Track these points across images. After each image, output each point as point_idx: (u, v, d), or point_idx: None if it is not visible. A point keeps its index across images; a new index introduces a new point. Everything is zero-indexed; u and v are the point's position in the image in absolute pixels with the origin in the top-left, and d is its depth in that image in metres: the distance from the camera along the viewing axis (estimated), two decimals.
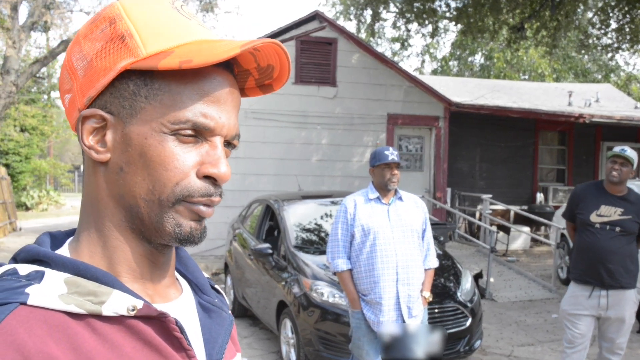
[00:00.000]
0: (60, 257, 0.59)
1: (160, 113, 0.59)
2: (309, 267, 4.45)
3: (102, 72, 0.60)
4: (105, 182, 0.62)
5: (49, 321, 0.55)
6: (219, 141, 0.62)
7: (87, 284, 0.57)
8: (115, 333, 0.58)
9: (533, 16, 9.52)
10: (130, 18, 0.61)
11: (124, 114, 0.60)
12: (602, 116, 10.62)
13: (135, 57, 0.59)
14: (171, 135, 0.59)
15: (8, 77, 10.34)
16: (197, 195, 0.60)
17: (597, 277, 3.45)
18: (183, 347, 0.61)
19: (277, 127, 9.10)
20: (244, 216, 6.39)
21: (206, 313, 0.70)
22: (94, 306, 0.57)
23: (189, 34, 0.61)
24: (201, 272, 0.74)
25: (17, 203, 17.33)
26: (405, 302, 3.07)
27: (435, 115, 9.92)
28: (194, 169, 0.60)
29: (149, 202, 0.60)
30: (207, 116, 0.60)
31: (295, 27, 9.28)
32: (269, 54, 0.63)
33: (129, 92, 0.60)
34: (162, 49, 0.59)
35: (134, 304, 0.58)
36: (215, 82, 0.61)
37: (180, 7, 0.64)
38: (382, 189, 3.20)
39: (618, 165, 3.44)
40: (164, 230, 0.61)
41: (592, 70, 23.29)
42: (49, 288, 0.56)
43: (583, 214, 3.54)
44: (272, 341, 5.26)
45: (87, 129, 0.61)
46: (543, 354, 5.11)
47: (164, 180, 0.59)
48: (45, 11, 10.59)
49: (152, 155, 0.59)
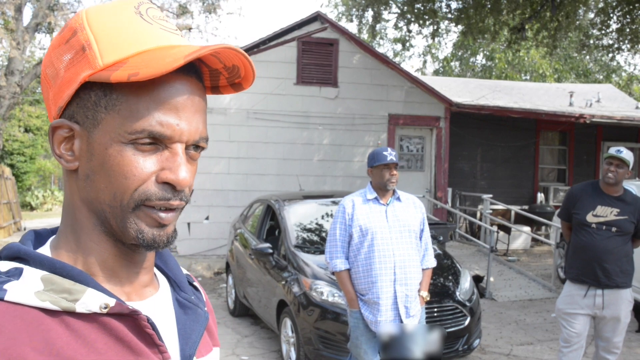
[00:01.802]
0: (38, 255, 0.61)
1: (118, 123, 0.61)
2: (309, 266, 4.49)
3: (67, 83, 0.62)
4: (77, 188, 0.65)
5: (24, 316, 0.57)
6: (179, 148, 0.63)
7: (63, 282, 0.59)
8: (88, 330, 0.60)
9: (533, 17, 9.54)
10: (91, 28, 0.62)
11: (87, 124, 0.62)
12: (602, 116, 10.63)
13: (93, 69, 0.60)
14: (129, 145, 0.61)
15: (12, 78, 10.43)
16: (155, 199, 0.62)
17: (592, 276, 3.47)
18: (155, 343, 0.64)
19: (279, 127, 9.15)
20: (245, 216, 6.44)
21: (182, 309, 0.72)
22: (68, 303, 0.59)
23: (146, 42, 0.62)
24: (180, 269, 0.77)
25: (21, 203, 17.44)
26: (403, 302, 3.10)
27: (436, 115, 9.95)
28: (153, 175, 0.62)
29: (113, 207, 0.62)
30: (164, 125, 0.61)
31: (297, 28, 9.33)
32: (230, 56, 0.64)
33: (91, 102, 0.62)
34: (117, 59, 0.60)
35: (106, 302, 0.60)
36: (172, 90, 0.62)
37: (146, 12, 0.65)
38: (380, 190, 3.23)
39: (614, 166, 3.46)
40: (128, 235, 0.63)
41: (594, 71, 23.24)
42: (26, 285, 0.58)
43: (579, 214, 3.56)
44: (273, 340, 5.31)
45: (58, 139, 0.64)
46: (542, 353, 5.14)
47: (124, 188, 0.61)
48: (49, 12, 10.67)
49: (112, 165, 0.61)
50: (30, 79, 11.11)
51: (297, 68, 9.22)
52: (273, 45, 9.15)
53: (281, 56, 9.12)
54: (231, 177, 8.95)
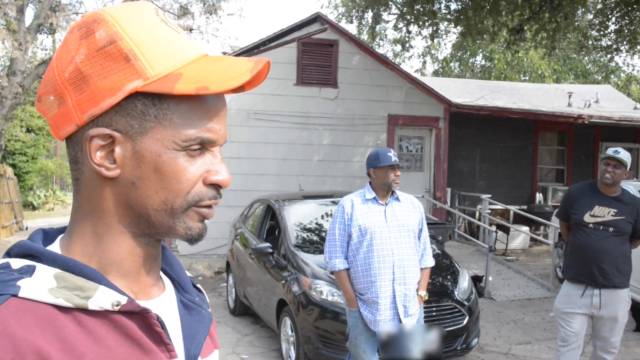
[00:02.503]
0: (51, 253, 0.62)
1: (171, 132, 0.63)
2: (308, 266, 4.52)
3: (106, 92, 0.61)
4: (113, 194, 0.64)
5: (37, 313, 0.58)
6: (218, 150, 0.68)
7: (75, 279, 0.61)
8: (99, 326, 0.61)
9: (532, 18, 9.57)
10: (129, 36, 0.62)
11: (132, 132, 0.63)
12: (601, 117, 10.67)
13: (145, 80, 0.61)
14: (182, 151, 0.64)
15: (14, 79, 10.47)
16: (206, 199, 0.66)
17: (590, 276, 3.49)
18: (163, 341, 0.65)
19: (279, 127, 9.19)
20: (245, 216, 6.48)
21: (187, 310, 0.74)
22: (81, 300, 0.60)
23: (184, 51, 0.64)
24: (184, 272, 0.79)
25: (23, 203, 17.48)
26: (401, 301, 3.13)
27: (436, 116, 9.99)
28: (201, 177, 0.66)
29: (160, 211, 0.65)
30: (212, 131, 0.65)
31: (297, 29, 9.37)
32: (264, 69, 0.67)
33: (137, 111, 0.62)
34: (168, 69, 0.62)
35: (118, 300, 0.62)
36: (217, 99, 0.66)
37: (165, 18, 0.66)
38: (382, 190, 3.26)
39: (611, 167, 3.49)
40: (175, 233, 0.66)
41: (592, 71, 23.26)
42: (40, 282, 0.59)
43: (577, 214, 3.58)
44: (273, 339, 5.34)
45: (95, 147, 0.62)
46: (540, 352, 5.17)
47: (177, 192, 0.64)
48: (51, 13, 10.71)
49: (167, 171, 0.63)
50: (32, 79, 11.15)
51: (297, 69, 9.26)
52: (273, 46, 9.19)
53: (281, 57, 9.16)
54: (231, 177, 8.99)
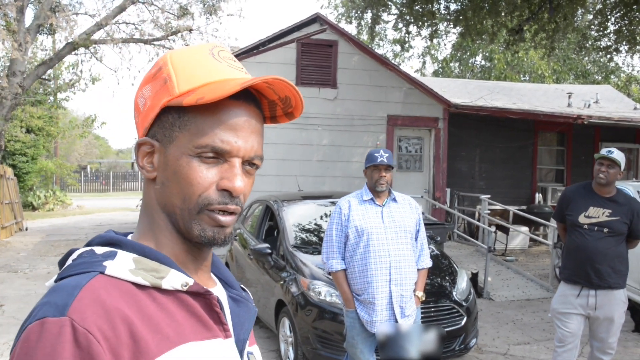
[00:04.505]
0: (130, 241, 0.75)
1: (188, 140, 0.74)
2: (307, 266, 4.53)
3: (152, 108, 0.76)
4: (154, 194, 0.78)
5: (121, 288, 0.69)
6: (236, 161, 0.75)
7: (151, 263, 0.72)
8: (170, 303, 0.72)
9: (531, 19, 9.58)
10: (172, 64, 0.76)
11: (165, 141, 0.76)
12: (600, 117, 10.68)
13: (171, 96, 0.74)
14: (196, 157, 0.74)
15: (14, 79, 10.49)
16: (215, 203, 0.74)
17: (585, 277, 3.50)
18: (221, 320, 0.76)
19: (279, 128, 9.20)
20: (244, 216, 6.49)
21: (235, 303, 0.85)
22: (156, 280, 0.71)
23: (213, 75, 0.75)
24: (230, 273, 0.90)
25: (23, 203, 17.49)
26: (398, 302, 3.14)
27: (435, 116, 10.00)
28: (214, 183, 0.74)
29: (182, 210, 0.75)
30: (224, 141, 0.74)
31: (297, 29, 9.39)
32: (281, 87, 0.76)
33: (168, 123, 0.75)
34: (190, 88, 0.74)
35: (186, 281, 0.73)
36: (232, 113, 0.74)
37: (218, 54, 0.78)
38: (373, 191, 3.28)
39: (605, 167, 3.50)
40: (193, 233, 0.75)
41: (592, 72, 23.26)
42: (121, 263, 0.71)
43: (572, 215, 3.59)
44: (272, 340, 5.35)
45: (142, 153, 0.78)
46: (538, 352, 5.18)
47: (190, 193, 0.74)
48: (50, 14, 10.72)
49: (182, 174, 0.74)
50: (32, 80, 11.16)
51: (296, 69, 9.27)
52: (273, 47, 9.20)
53: (281, 57, 9.17)
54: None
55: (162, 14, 11.48)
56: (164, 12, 11.50)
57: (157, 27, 11.52)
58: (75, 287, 0.66)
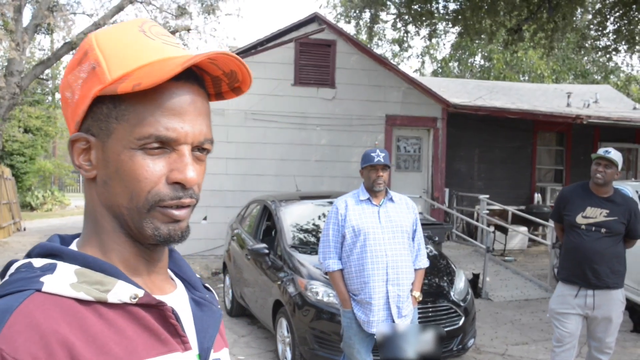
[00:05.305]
0: (71, 251, 0.67)
1: (128, 131, 0.66)
2: (304, 266, 4.52)
3: (82, 99, 0.68)
4: (97, 195, 0.70)
5: (61, 305, 0.62)
6: (185, 149, 0.68)
7: (95, 275, 0.65)
8: (118, 318, 0.65)
9: (530, 18, 9.57)
10: (99, 48, 0.68)
11: (102, 135, 0.68)
12: (599, 117, 10.67)
13: (102, 84, 0.66)
14: (139, 150, 0.66)
15: (12, 79, 10.46)
16: (167, 199, 0.67)
17: (583, 277, 3.50)
18: (178, 333, 0.69)
19: (277, 128, 9.19)
20: (242, 216, 6.47)
21: (198, 307, 0.77)
22: (101, 294, 0.64)
23: (149, 56, 0.67)
24: (193, 272, 0.82)
25: (21, 203, 17.47)
26: (395, 302, 3.14)
27: (434, 116, 9.99)
28: (164, 176, 0.67)
29: (130, 209, 0.68)
30: (169, 128, 0.66)
31: (295, 29, 9.38)
32: (226, 61, 0.69)
33: (103, 115, 0.67)
34: (123, 73, 0.66)
35: (135, 293, 0.66)
36: (174, 96, 0.66)
37: (149, 29, 0.70)
38: (370, 191, 3.27)
39: (602, 167, 3.49)
40: (145, 233, 0.68)
41: (592, 72, 23.26)
42: (61, 277, 0.63)
43: (569, 216, 3.58)
44: (270, 340, 5.34)
45: (77, 151, 0.70)
46: (537, 352, 5.18)
47: (138, 190, 0.67)
48: (48, 13, 10.70)
49: (125, 170, 0.66)
50: (30, 79, 11.14)
51: (294, 69, 9.26)
52: (271, 47, 9.19)
53: (279, 57, 9.16)
54: (229, 177, 8.99)
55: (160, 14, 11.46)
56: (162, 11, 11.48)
57: None
58: (6, 312, 0.59)
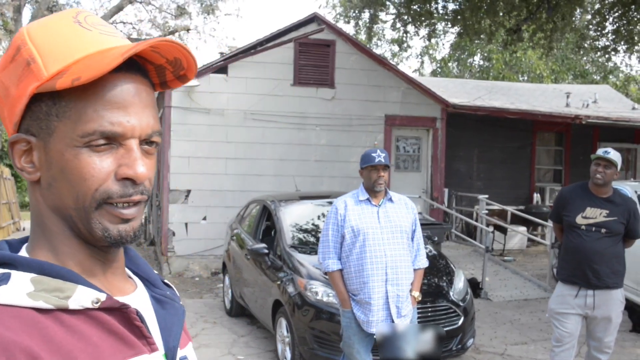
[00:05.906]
0: (25, 259, 0.64)
1: (70, 129, 0.63)
2: (304, 266, 4.53)
3: (19, 98, 0.64)
4: (42, 197, 0.67)
5: (20, 317, 0.59)
6: (133, 143, 0.65)
7: (53, 282, 0.62)
8: (81, 324, 0.62)
9: (529, 18, 9.58)
10: (33, 42, 0.64)
11: (43, 135, 0.65)
12: (598, 117, 10.68)
13: (39, 81, 0.63)
14: (84, 147, 0.63)
15: None
16: (116, 197, 0.64)
17: (583, 277, 3.50)
18: (144, 335, 0.67)
19: (276, 128, 9.19)
20: (242, 216, 6.47)
21: (160, 305, 0.75)
22: (61, 301, 0.61)
23: (86, 48, 0.64)
24: (151, 269, 0.80)
25: (21, 203, 17.47)
26: (394, 302, 3.14)
27: (433, 116, 9.99)
28: (112, 173, 0.64)
29: (78, 210, 0.65)
30: (114, 123, 0.63)
31: (294, 29, 9.37)
32: (169, 49, 0.66)
33: (42, 113, 0.64)
34: (60, 68, 0.63)
35: (97, 297, 0.63)
36: (117, 89, 0.64)
37: (84, 20, 0.67)
38: (370, 191, 3.28)
39: (602, 167, 3.50)
40: (95, 235, 0.65)
41: (591, 72, 23.29)
42: (17, 287, 0.60)
43: (569, 216, 3.59)
44: (269, 340, 5.34)
45: (17, 153, 0.66)
46: (536, 352, 5.18)
47: (85, 190, 0.64)
48: (48, 14, 10.71)
49: (71, 169, 0.63)
50: None
51: (294, 69, 9.26)
52: (270, 47, 9.19)
53: (278, 57, 9.16)
54: (229, 177, 8.99)
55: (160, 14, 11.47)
56: (162, 11, 11.48)
57: (154, 26, 11.52)
58: None
